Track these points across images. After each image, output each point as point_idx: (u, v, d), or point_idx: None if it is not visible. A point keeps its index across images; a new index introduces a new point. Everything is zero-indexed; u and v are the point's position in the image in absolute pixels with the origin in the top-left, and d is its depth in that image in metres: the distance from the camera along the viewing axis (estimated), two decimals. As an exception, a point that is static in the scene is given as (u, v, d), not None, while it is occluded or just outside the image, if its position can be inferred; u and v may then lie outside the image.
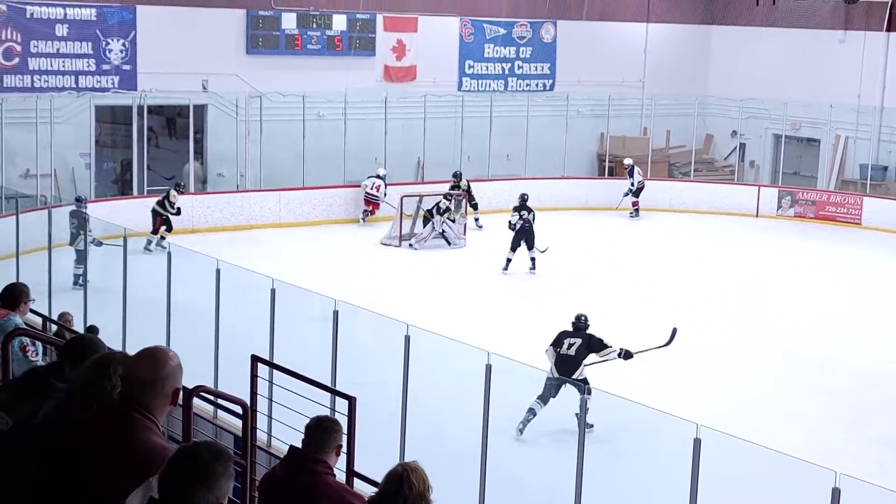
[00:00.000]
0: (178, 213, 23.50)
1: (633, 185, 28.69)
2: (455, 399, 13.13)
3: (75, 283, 18.89)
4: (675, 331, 14.52)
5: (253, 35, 27.07)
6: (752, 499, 10.92)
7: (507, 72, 31.31)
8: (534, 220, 22.55)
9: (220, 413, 11.16)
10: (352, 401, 8.41)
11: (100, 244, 18.82)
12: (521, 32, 31.34)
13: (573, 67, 31.81)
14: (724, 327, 19.00)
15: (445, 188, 26.19)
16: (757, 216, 29.49)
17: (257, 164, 26.46)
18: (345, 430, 7.71)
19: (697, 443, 8.55)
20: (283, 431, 9.23)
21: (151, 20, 25.65)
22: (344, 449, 7.56)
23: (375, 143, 27.75)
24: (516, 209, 22.80)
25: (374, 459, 5.59)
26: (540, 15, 31.51)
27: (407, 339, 10.70)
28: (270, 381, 10.00)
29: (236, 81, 26.53)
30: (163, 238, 22.47)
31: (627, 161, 29.18)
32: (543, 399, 13.38)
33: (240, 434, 8.64)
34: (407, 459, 7.83)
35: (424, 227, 24.64)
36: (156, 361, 4.42)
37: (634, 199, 28.74)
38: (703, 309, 20.11)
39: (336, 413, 8.75)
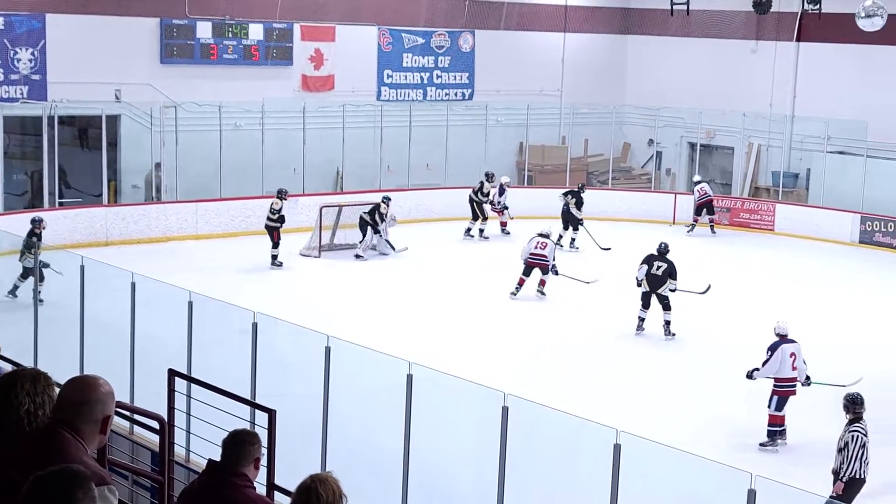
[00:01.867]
0: (282, 220, 23.27)
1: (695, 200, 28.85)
2: (377, 409, 13.08)
3: (10, 292, 19.01)
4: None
5: (167, 44, 26.79)
6: (673, 502, 11.00)
7: (425, 81, 31.33)
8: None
9: (137, 429, 10.99)
10: (271, 413, 8.34)
11: (46, 265, 18.30)
12: (439, 42, 31.40)
13: (492, 77, 31.93)
14: (648, 333, 19.13)
15: (366, 198, 26.07)
16: (674, 223, 29.79)
17: (173, 175, 26.17)
18: (265, 443, 7.65)
19: (617, 448, 8.60)
20: (202, 446, 9.12)
21: (61, 28, 25.21)
22: (264, 462, 7.51)
23: (293, 153, 27.58)
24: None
25: (295, 472, 5.53)
26: (458, 24, 31.60)
27: (327, 350, 10.64)
28: (188, 396, 9.88)
29: (150, 91, 26.17)
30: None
31: (696, 178, 29.56)
32: (644, 305, 18.76)
33: (157, 450, 8.52)
34: (329, 471, 7.79)
35: (364, 234, 24.38)
36: (87, 386, 4.39)
37: (696, 216, 28.75)
38: (623, 315, 20.26)
39: (256, 426, 8.67)
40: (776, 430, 13.90)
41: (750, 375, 14.27)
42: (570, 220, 26.18)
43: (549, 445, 12.27)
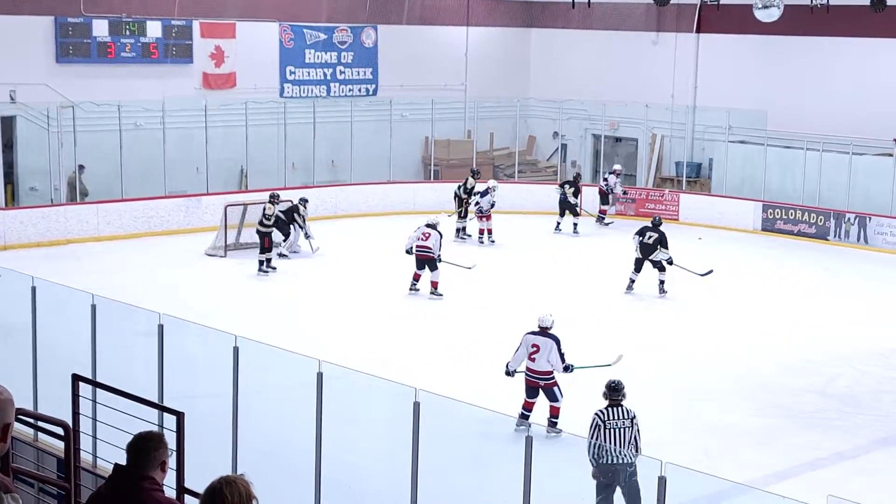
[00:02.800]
0: (276, 224, 22.92)
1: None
2: (288, 409, 12.97)
3: None
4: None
5: (62, 43, 26.30)
6: (584, 491, 11.05)
7: (328, 77, 31.18)
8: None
9: (42, 436, 10.76)
10: (180, 416, 8.20)
11: None
12: (341, 37, 31.25)
13: (395, 72, 31.88)
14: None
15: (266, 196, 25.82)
16: (579, 214, 29.97)
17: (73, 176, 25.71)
18: (173, 445, 7.52)
19: (529, 440, 8.62)
20: (110, 451, 8.95)
21: (-48, 29, 24.66)
22: (173, 465, 7.38)
23: (196, 152, 27.26)
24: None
25: (206, 475, 5.44)
26: (360, 20, 31.48)
27: (235, 350, 10.51)
28: (94, 401, 9.69)
29: (46, 91, 25.66)
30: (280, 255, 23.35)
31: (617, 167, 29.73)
32: (636, 269, 21.27)
33: (62, 456, 8.35)
34: (240, 472, 7.68)
35: (286, 233, 24.06)
36: None
37: (603, 207, 29.25)
38: (531, 307, 20.35)
39: (164, 429, 8.53)
40: (523, 414, 13.62)
41: (508, 372, 14.07)
42: (568, 208, 27.60)
43: (461, 438, 12.28)
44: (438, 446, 10.67)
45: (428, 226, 20.96)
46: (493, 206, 25.87)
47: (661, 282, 21.29)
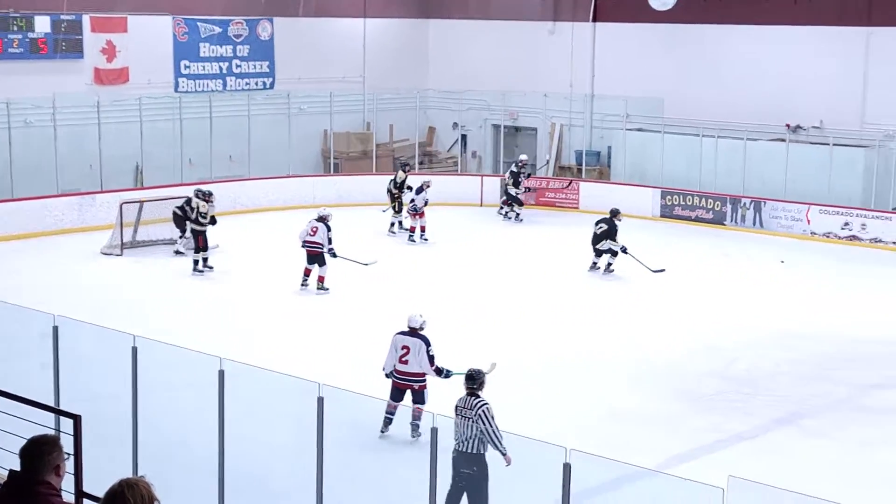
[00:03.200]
0: (214, 222, 22.33)
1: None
2: (190, 408, 12.81)
3: None
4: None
5: (-54, 40, 25.67)
6: (491, 481, 11.08)
7: (224, 71, 30.83)
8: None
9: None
10: (76, 419, 8.03)
11: None
12: (237, 30, 30.92)
13: (293, 65, 31.64)
14: (458, 312, 19.29)
15: (167, 192, 25.49)
16: (481, 205, 30.12)
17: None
18: (70, 449, 7.37)
19: (434, 431, 8.62)
20: (6, 458, 8.74)
21: None
22: (71, 469, 7.22)
23: (89, 149, 26.77)
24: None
25: (106, 478, 5.34)
26: (256, 12, 31.18)
27: (134, 350, 10.34)
28: (-12, 406, 9.44)
29: (-68, 90, 25.06)
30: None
31: (523, 157, 29.44)
32: (596, 255, 22.13)
33: (-46, 464, 8.12)
34: (141, 473, 7.54)
35: (183, 230, 23.58)
36: None
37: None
38: (443, 296, 20.39)
39: (61, 433, 8.35)
40: (387, 417, 13.02)
41: (387, 374, 13.29)
42: (511, 198, 28.35)
43: (365, 433, 12.25)
44: (344, 439, 10.63)
45: (318, 219, 20.76)
46: (426, 203, 25.36)
47: (609, 264, 22.18)
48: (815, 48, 28.39)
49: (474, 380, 10.83)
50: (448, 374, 12.98)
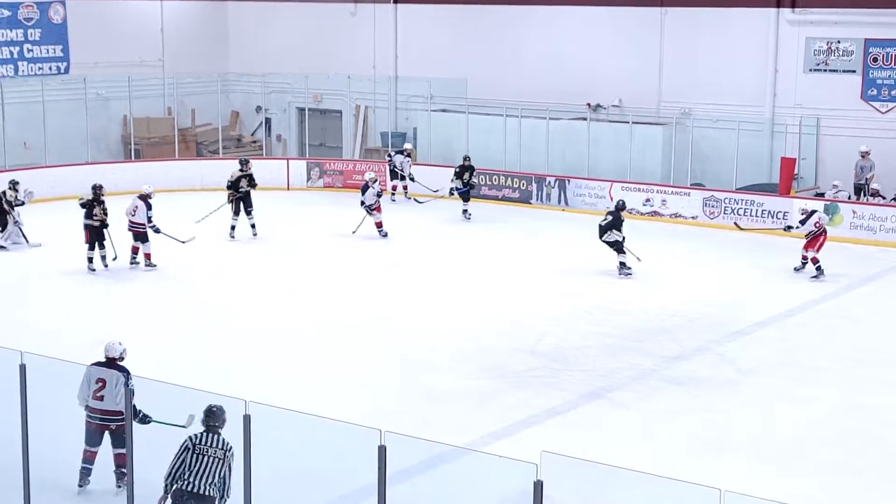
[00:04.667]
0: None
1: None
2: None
3: None
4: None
5: None
6: (305, 467, 11.02)
7: (15, 55, 29.77)
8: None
9: None
10: None
11: None
12: (27, 13, 29.86)
13: (88, 49, 30.77)
14: (279, 295, 19.12)
15: None
16: (288, 189, 29.89)
17: None
18: None
19: (247, 419, 8.51)
20: None
21: None
22: None
23: None
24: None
25: None
26: (47, -5, 30.22)
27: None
28: None
29: None
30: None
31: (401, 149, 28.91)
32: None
33: None
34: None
35: (4, 224, 22.61)
36: None
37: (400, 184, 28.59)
38: (250, 278, 20.18)
39: None
40: (84, 468, 11.23)
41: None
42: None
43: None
44: (149, 430, 10.41)
45: (139, 197, 21.01)
46: (380, 196, 24.12)
47: (621, 263, 21.01)
48: (613, 29, 29.12)
49: (218, 417, 9.59)
50: (147, 420, 10.64)
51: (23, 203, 22.94)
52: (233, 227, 23.80)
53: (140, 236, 20.89)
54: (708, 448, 12.93)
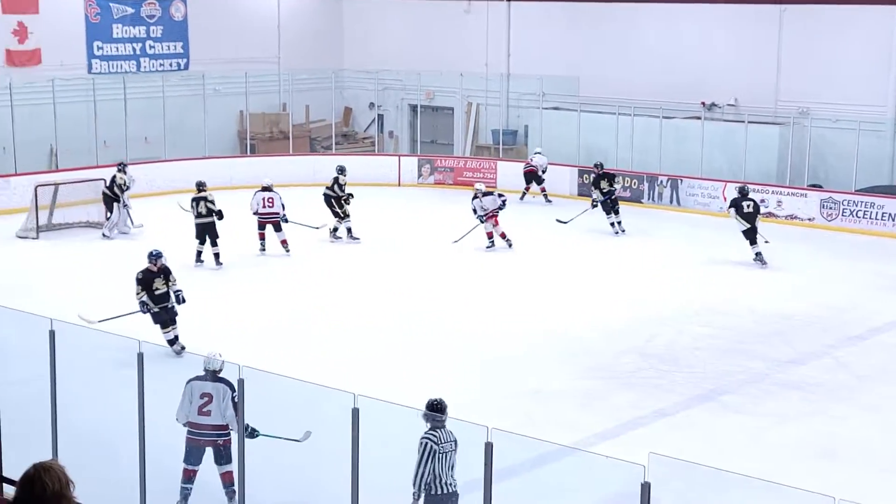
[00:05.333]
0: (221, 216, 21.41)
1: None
2: (110, 391, 12.66)
3: None
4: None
5: None
6: (410, 460, 11.11)
7: (138, 52, 30.43)
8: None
9: None
10: (-7, 405, 7.91)
11: None
12: (150, 11, 30.51)
13: (207, 45, 31.32)
14: (383, 294, 19.28)
15: (82, 175, 25.15)
16: (399, 185, 30.10)
17: None
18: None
19: (356, 412, 8.59)
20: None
21: None
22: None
23: (2, 131, 26.33)
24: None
25: (26, 462, 5.27)
26: (169, -8, 30.85)
27: (52, 333, 10.18)
28: None
29: None
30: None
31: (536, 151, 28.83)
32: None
33: None
34: (61, 458, 7.44)
35: (111, 210, 23.41)
36: None
37: (527, 186, 28.31)
38: (355, 276, 20.37)
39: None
40: (183, 488, 10.92)
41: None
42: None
43: (287, 414, 12.18)
44: (265, 422, 10.55)
45: (265, 189, 21.91)
46: (503, 206, 22.85)
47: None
48: (729, 26, 28.72)
49: (444, 411, 9.79)
50: (255, 434, 10.43)
51: (128, 187, 23.64)
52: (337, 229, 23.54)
53: (276, 225, 21.75)
54: (821, 455, 12.73)
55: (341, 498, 8.90)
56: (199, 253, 20.98)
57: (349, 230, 23.29)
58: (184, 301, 15.75)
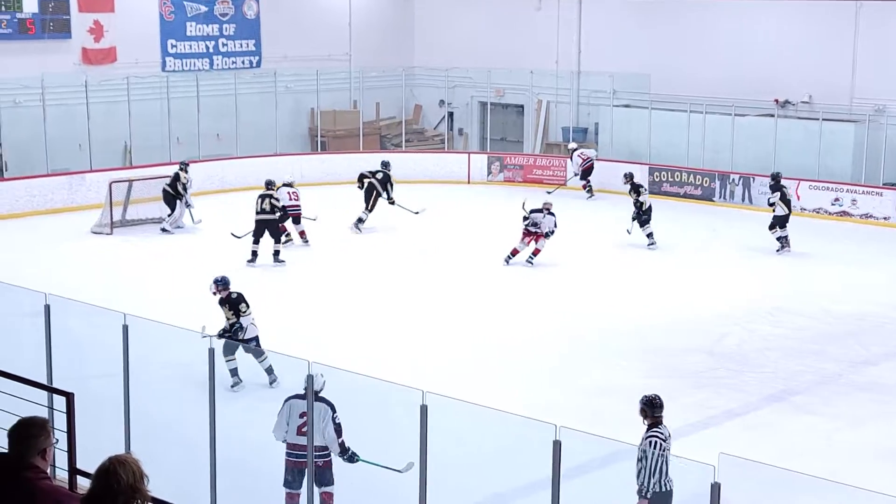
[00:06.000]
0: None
1: (576, 168, 28.49)
2: (181, 386, 12.82)
3: None
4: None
5: (-65, 20, 25.54)
6: (479, 458, 11.12)
7: (211, 50, 30.74)
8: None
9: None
10: (69, 397, 8.03)
11: None
12: (223, 9, 30.80)
13: (279, 43, 31.55)
14: (448, 291, 19.31)
15: (156, 171, 25.49)
16: (469, 183, 30.12)
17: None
18: (64, 427, 7.38)
19: (424, 409, 8.62)
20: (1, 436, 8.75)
21: None
22: (64, 447, 7.24)
23: (78, 128, 26.74)
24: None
25: (99, 455, 5.35)
26: (242, -9, 31.11)
27: (125, 328, 10.32)
28: (-22, 384, 9.44)
29: (-79, 70, 24.96)
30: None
31: (571, 145, 29.17)
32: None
33: (-52, 443, 8.12)
34: (134, 451, 7.54)
35: (172, 208, 23.77)
36: None
37: (585, 182, 28.43)
38: (424, 272, 20.41)
39: (54, 411, 8.36)
40: None
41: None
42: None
43: (357, 411, 12.25)
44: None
45: (286, 185, 22.56)
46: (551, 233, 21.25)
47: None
48: (804, 21, 28.37)
49: (662, 408, 9.82)
50: (355, 458, 10.44)
51: (190, 186, 23.99)
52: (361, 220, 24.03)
53: (297, 218, 22.41)
54: (893, 457, 12.55)
55: (409, 496, 8.93)
56: (255, 253, 20.99)
57: (360, 220, 23.95)
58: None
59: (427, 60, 34.13)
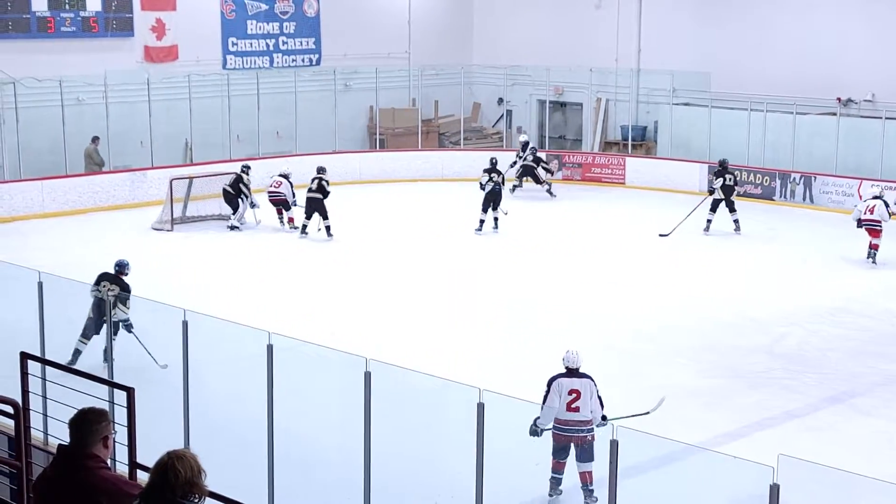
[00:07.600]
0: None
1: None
2: (239, 381, 12.91)
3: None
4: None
5: (1, 19, 25.87)
6: (533, 455, 11.11)
7: (271, 48, 30.95)
8: (503, 182, 24.46)
9: (-8, 415, 10.63)
10: (130, 392, 8.12)
11: None
12: (283, 7, 31.00)
13: (339, 41, 31.70)
14: (506, 288, 19.30)
15: (216, 168, 25.73)
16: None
17: (15, 152, 25.40)
18: (124, 421, 7.48)
19: (481, 407, 8.62)
20: (61, 429, 8.87)
21: None
22: (124, 441, 7.34)
23: (140, 125, 27.03)
24: (486, 171, 24.18)
25: (158, 450, 5.43)
26: (302, -11, 31.29)
27: (185, 324, 10.43)
28: (43, 378, 9.60)
29: (-14, 68, 25.35)
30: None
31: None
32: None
33: (13, 435, 8.27)
34: (193, 446, 7.63)
35: (235, 207, 24.00)
36: None
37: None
38: (482, 270, 20.41)
39: (115, 405, 8.46)
40: (554, 478, 11.13)
41: (535, 432, 10.97)
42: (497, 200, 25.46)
43: (413, 408, 12.29)
44: (390, 415, 10.66)
45: (280, 175, 23.77)
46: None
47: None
48: (867, 18, 28.01)
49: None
50: (605, 420, 11.08)
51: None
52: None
53: (282, 203, 23.79)
54: (955, 460, 12.38)
55: (465, 494, 8.95)
56: (305, 227, 23.03)
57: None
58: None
59: (486, 58, 34.13)
